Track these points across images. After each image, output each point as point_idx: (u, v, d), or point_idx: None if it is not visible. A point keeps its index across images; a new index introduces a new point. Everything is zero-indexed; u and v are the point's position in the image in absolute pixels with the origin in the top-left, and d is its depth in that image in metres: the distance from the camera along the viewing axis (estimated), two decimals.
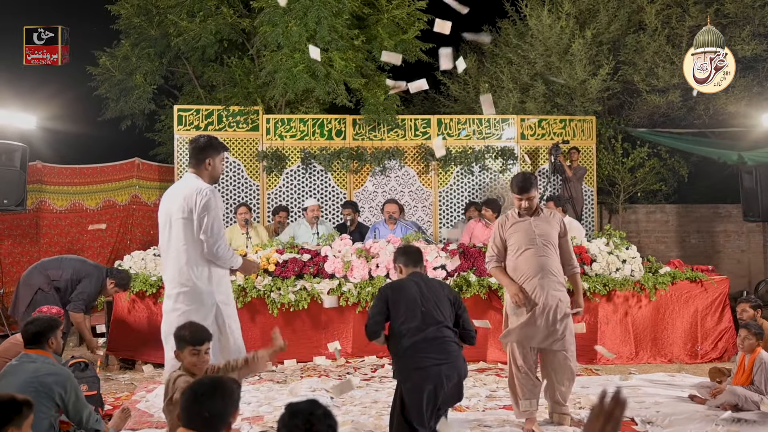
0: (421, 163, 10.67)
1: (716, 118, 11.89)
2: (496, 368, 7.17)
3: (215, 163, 4.67)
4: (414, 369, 4.18)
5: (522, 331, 5.05)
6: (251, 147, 10.45)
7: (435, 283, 4.59)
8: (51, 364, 4.07)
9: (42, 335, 4.13)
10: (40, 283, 6.52)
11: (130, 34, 11.61)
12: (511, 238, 5.20)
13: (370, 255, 7.51)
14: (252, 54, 10.98)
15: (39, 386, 3.90)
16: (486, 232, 8.59)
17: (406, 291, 4.38)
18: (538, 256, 5.10)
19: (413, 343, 4.18)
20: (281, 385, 6.40)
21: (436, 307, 4.33)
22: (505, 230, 5.24)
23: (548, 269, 5.10)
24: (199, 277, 4.56)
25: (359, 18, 10.54)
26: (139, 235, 10.79)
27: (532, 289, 5.04)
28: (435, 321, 4.28)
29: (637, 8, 11.96)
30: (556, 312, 5.03)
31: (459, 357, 4.30)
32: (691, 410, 5.40)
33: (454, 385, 4.25)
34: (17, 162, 8.73)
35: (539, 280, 5.05)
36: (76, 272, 6.69)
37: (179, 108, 10.57)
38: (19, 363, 4.03)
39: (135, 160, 10.93)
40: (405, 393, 4.22)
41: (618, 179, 12.07)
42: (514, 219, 5.26)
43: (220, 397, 2.96)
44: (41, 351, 4.11)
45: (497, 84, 12.59)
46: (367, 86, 10.31)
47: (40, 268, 6.70)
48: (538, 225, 5.18)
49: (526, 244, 5.12)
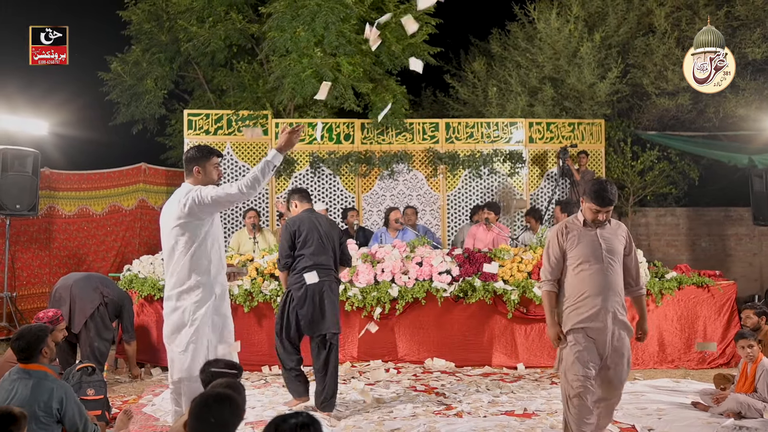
0: (429, 166, 10.70)
1: (726, 121, 11.82)
2: (500, 373, 7.19)
3: (206, 170, 4.66)
4: (305, 284, 5.59)
5: (581, 356, 4.38)
6: (260, 151, 10.52)
7: (324, 219, 5.96)
8: (45, 378, 4.03)
9: (32, 349, 4.07)
10: (98, 299, 6.71)
11: (140, 40, 11.73)
12: (573, 250, 4.50)
13: (375, 260, 7.55)
14: (261, 59, 11.05)
15: (37, 405, 3.90)
16: (488, 236, 8.62)
17: (307, 223, 5.71)
18: (605, 274, 4.42)
19: (312, 264, 5.60)
20: (286, 390, 6.43)
21: (328, 239, 5.74)
22: (566, 240, 4.53)
23: (615, 289, 4.45)
24: (200, 272, 4.56)
25: (367, 22, 10.56)
26: (147, 238, 10.89)
27: (595, 310, 4.37)
28: (325, 250, 5.70)
29: (646, 11, 11.92)
30: (621, 340, 4.46)
31: (334, 281, 5.81)
32: (693, 417, 5.39)
33: (329, 302, 5.68)
34: (29, 168, 8.85)
35: (603, 302, 4.38)
36: (119, 296, 6.95)
37: (189, 112, 10.66)
38: (18, 378, 4.01)
39: (141, 165, 11.05)
40: (296, 298, 5.59)
41: (627, 182, 12.04)
42: (577, 228, 4.56)
43: (228, 407, 3.06)
44: (35, 365, 4.08)
45: (506, 87, 12.58)
46: (375, 90, 10.35)
47: (91, 283, 6.81)
48: (605, 237, 4.51)
49: (590, 258, 4.45)
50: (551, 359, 7.37)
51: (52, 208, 9.93)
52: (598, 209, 4.44)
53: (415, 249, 7.70)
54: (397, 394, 6.23)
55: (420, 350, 7.49)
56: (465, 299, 7.40)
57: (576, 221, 4.59)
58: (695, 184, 12.64)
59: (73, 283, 6.74)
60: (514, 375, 7.10)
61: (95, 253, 10.28)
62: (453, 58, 14.70)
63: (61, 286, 6.79)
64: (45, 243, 9.80)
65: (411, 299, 7.35)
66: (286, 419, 2.55)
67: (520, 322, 7.44)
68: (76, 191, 10.29)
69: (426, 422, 5.36)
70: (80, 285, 6.73)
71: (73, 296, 6.64)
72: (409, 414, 5.62)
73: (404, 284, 7.41)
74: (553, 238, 4.59)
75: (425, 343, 7.49)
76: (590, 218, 4.50)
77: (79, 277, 6.87)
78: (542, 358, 7.39)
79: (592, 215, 4.48)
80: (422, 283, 7.39)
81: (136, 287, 7.48)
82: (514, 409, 5.72)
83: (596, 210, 4.44)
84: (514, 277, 7.45)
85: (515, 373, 7.17)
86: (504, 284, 7.38)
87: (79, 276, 6.93)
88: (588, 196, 4.49)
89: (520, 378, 6.93)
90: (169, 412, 4.96)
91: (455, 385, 6.57)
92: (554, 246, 4.58)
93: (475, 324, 7.48)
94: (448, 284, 7.40)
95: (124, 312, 6.95)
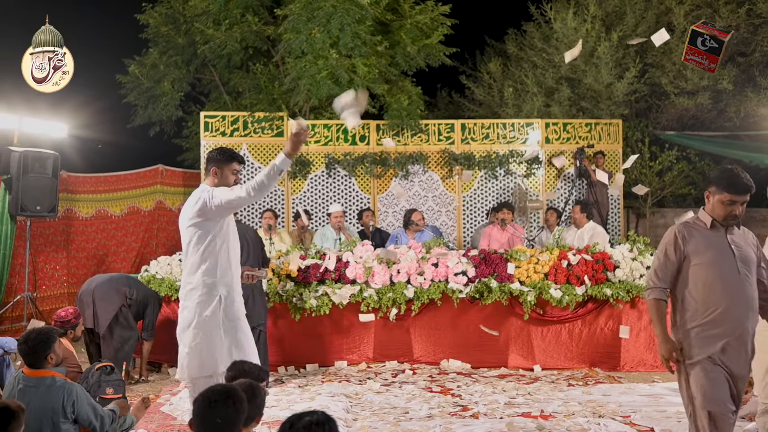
0: (444, 167, 10.69)
1: (747, 120, 11.70)
2: (517, 374, 7.15)
3: (223, 173, 4.66)
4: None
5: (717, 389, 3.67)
6: (276, 152, 10.55)
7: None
8: (53, 384, 3.98)
9: (37, 354, 4.03)
10: (121, 300, 6.77)
11: (158, 43, 11.82)
12: (699, 256, 3.76)
13: (391, 261, 7.54)
14: (276, 61, 11.09)
15: (52, 412, 3.90)
16: (503, 236, 8.59)
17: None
18: (741, 285, 3.71)
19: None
20: (302, 390, 6.45)
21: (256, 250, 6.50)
22: (688, 243, 3.81)
23: (753, 305, 3.78)
24: (205, 272, 4.58)
25: (382, 24, 10.60)
26: (164, 239, 10.96)
27: (733, 329, 3.68)
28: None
29: (665, 9, 11.84)
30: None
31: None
32: None
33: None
34: (49, 170, 8.94)
35: (742, 319, 3.70)
36: (145, 295, 7.01)
37: (206, 114, 10.72)
38: (25, 387, 3.97)
39: (158, 167, 11.13)
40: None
41: (645, 183, 11.94)
42: (701, 229, 3.84)
43: (231, 404, 3.05)
44: (41, 372, 4.03)
45: (522, 88, 12.54)
46: (390, 92, 10.35)
47: (113, 285, 6.87)
48: (736, 243, 3.80)
49: (722, 266, 3.72)
50: (568, 361, 7.34)
51: (70, 210, 10.01)
52: (733, 199, 3.70)
53: (431, 250, 7.69)
54: (413, 395, 6.22)
55: (436, 351, 7.48)
56: (481, 300, 7.37)
57: (698, 223, 3.87)
58: None
59: (95, 286, 6.81)
60: (530, 376, 7.06)
61: (115, 254, 10.38)
62: (469, 58, 14.70)
63: (84, 290, 6.87)
64: (63, 245, 9.89)
65: (427, 300, 7.34)
66: (301, 417, 2.56)
67: (537, 323, 7.41)
68: (94, 193, 10.38)
69: (442, 423, 5.34)
70: (102, 288, 6.79)
71: (95, 299, 6.71)
72: (425, 415, 5.60)
73: (420, 285, 7.40)
74: (671, 241, 3.84)
75: (441, 344, 7.47)
76: (723, 212, 3.74)
77: (101, 280, 6.93)
78: (559, 360, 7.35)
79: (725, 208, 3.72)
80: (438, 284, 7.37)
81: (153, 288, 7.51)
82: (531, 410, 5.69)
83: (731, 200, 3.70)
84: (530, 278, 7.41)
85: (532, 375, 7.13)
86: (520, 285, 7.35)
87: (101, 279, 6.99)
88: (718, 186, 3.75)
89: (537, 380, 6.89)
90: (187, 411, 4.99)
91: (471, 387, 6.55)
92: (671, 250, 3.84)
93: (492, 325, 7.45)
94: (464, 285, 7.38)
95: (148, 310, 7.00)
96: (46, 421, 3.84)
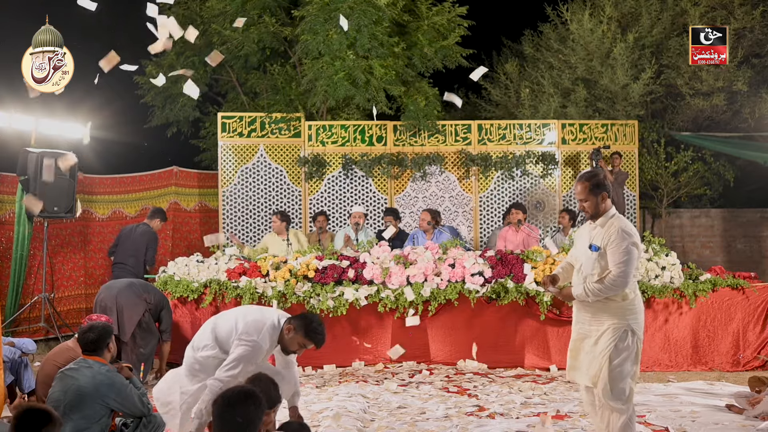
0: (461, 168, 10.71)
1: (762, 121, 11.67)
2: (533, 374, 7.18)
3: (294, 337, 4.60)
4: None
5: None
6: (293, 153, 10.62)
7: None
8: (107, 371, 4.21)
9: (100, 342, 4.28)
10: (144, 306, 6.87)
11: (175, 43, 11.86)
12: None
13: (407, 261, 7.58)
14: (294, 62, 11.16)
15: (94, 392, 4.07)
16: (518, 236, 8.61)
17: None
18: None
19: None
20: (320, 390, 6.51)
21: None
22: None
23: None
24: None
25: (399, 25, 10.63)
26: (179, 240, 11.04)
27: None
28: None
29: (680, 11, 11.82)
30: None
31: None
32: (727, 420, 5.34)
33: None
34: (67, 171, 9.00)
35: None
36: (159, 300, 7.08)
37: (223, 115, 10.79)
38: (77, 367, 4.18)
39: (173, 169, 11.20)
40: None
41: (661, 184, 11.94)
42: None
43: (252, 404, 3.13)
44: (98, 358, 4.26)
45: (538, 88, 12.55)
46: (407, 93, 10.39)
47: (135, 290, 6.93)
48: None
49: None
50: None
51: (87, 211, 10.06)
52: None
53: (448, 251, 7.73)
54: (430, 395, 6.27)
55: (452, 352, 7.52)
56: (497, 301, 7.41)
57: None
58: (730, 185, 12.49)
59: (117, 293, 6.83)
60: (546, 377, 7.09)
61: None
62: (485, 59, 14.69)
63: (105, 295, 6.86)
64: (80, 246, 9.98)
65: (443, 301, 7.38)
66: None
67: (553, 323, 7.43)
68: (109, 194, 10.47)
69: (458, 423, 5.39)
70: (125, 294, 6.83)
71: (119, 306, 6.75)
72: (442, 415, 5.65)
73: (437, 286, 7.44)
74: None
75: (457, 344, 7.51)
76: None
77: (122, 286, 6.94)
78: None
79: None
80: (455, 285, 7.41)
81: (170, 288, 7.60)
82: (547, 410, 5.72)
83: None
84: None
85: (548, 375, 7.17)
86: (536, 286, 7.37)
87: (122, 284, 6.99)
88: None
89: (553, 380, 6.92)
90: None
91: (488, 387, 6.59)
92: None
93: (508, 325, 7.49)
94: (480, 286, 7.41)
95: (163, 314, 7.08)
96: (89, 399, 4.05)
